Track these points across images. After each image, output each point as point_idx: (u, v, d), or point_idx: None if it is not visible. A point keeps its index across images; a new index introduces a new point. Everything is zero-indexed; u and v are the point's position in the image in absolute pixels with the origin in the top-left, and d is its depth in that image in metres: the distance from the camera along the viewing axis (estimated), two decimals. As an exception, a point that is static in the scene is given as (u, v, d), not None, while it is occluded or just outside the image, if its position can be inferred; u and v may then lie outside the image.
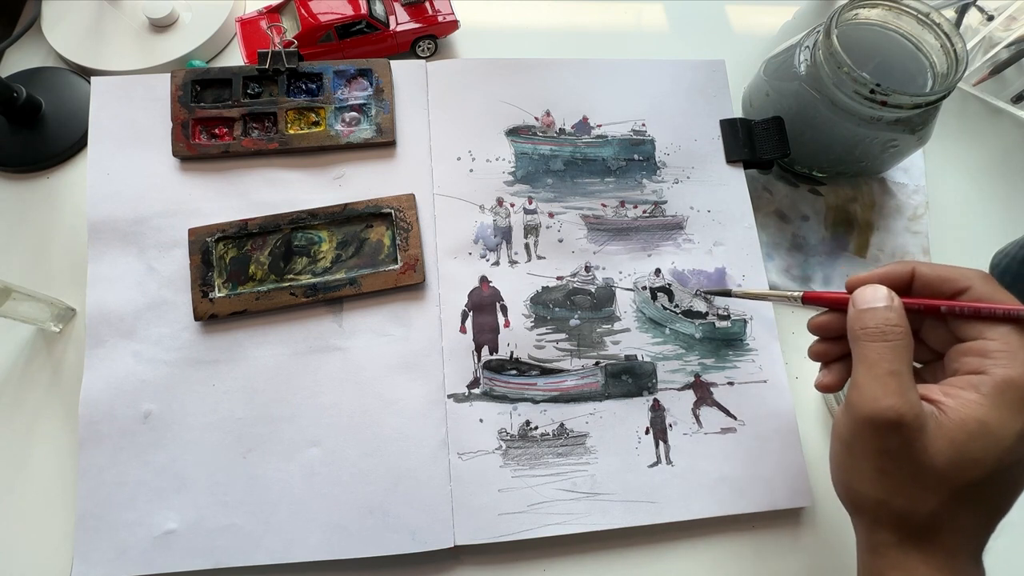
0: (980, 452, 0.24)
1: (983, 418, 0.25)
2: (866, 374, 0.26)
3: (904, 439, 0.25)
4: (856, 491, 0.27)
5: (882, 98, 0.38)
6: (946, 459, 0.25)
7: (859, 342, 0.27)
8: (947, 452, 0.25)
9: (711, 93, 0.46)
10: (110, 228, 0.39)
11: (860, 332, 0.27)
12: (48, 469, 0.38)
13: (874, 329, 0.27)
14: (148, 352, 0.38)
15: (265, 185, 0.41)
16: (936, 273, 0.28)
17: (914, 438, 0.25)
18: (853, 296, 0.28)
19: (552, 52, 0.52)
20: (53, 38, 0.50)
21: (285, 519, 0.35)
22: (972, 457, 0.24)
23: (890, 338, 0.26)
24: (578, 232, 0.42)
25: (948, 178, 0.50)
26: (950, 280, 0.28)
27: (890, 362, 0.26)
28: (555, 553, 0.37)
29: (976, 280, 0.27)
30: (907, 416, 0.25)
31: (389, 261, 0.40)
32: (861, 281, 0.29)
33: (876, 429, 0.25)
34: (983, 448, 0.24)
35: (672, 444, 0.38)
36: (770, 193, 0.47)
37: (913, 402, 0.25)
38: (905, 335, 0.26)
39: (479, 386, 0.38)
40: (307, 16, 0.46)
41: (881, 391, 0.25)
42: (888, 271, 0.29)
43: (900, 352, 0.26)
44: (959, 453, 0.24)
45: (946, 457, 0.25)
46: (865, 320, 0.27)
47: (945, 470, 0.25)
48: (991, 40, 0.51)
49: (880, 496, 0.26)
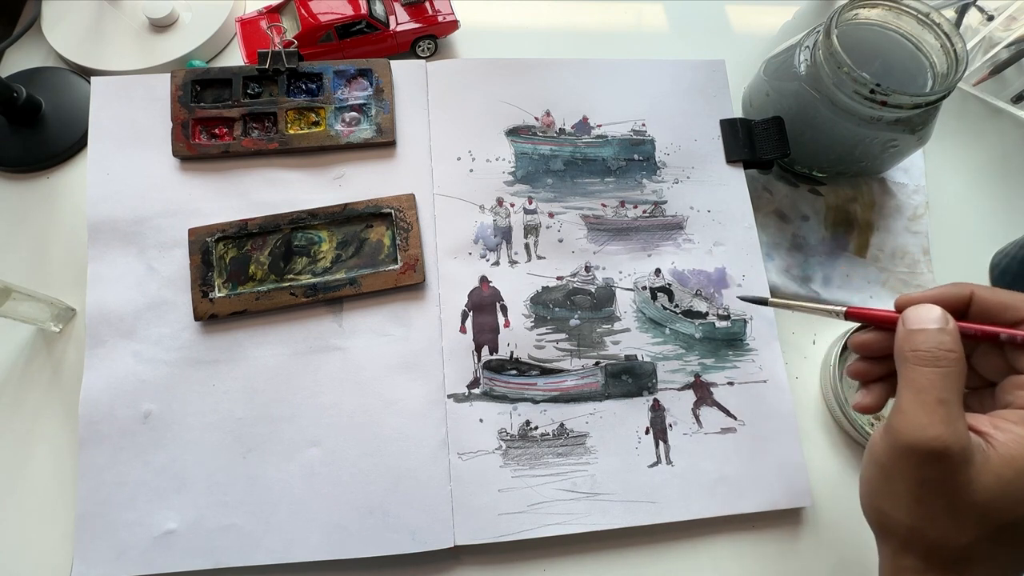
0: None
1: None
2: (913, 400, 0.25)
3: (947, 471, 0.24)
4: (888, 515, 0.26)
5: (882, 98, 0.38)
6: (990, 495, 0.23)
7: (907, 365, 0.25)
8: (992, 488, 0.23)
9: (711, 93, 0.46)
10: (110, 228, 0.39)
11: (910, 354, 0.25)
12: (48, 469, 0.38)
13: (925, 353, 0.25)
14: (148, 352, 0.38)
15: (265, 185, 0.41)
16: (997, 299, 0.26)
17: (958, 471, 0.24)
18: (904, 315, 0.27)
19: (552, 52, 0.52)
20: (53, 38, 0.50)
21: (285, 519, 0.35)
22: (1017, 497, 0.23)
23: (942, 364, 0.25)
24: (578, 232, 0.42)
25: (948, 178, 0.50)
26: (1012, 307, 0.26)
27: (940, 390, 0.24)
28: (555, 553, 0.37)
29: None
30: (953, 448, 0.23)
31: (389, 261, 0.40)
32: (912, 301, 0.27)
33: (919, 458, 0.24)
34: None
35: (672, 444, 0.38)
36: (770, 193, 0.47)
37: (961, 434, 0.24)
38: (958, 361, 0.25)
39: (479, 386, 0.38)
40: (307, 16, 0.46)
41: (928, 420, 0.24)
42: (943, 292, 0.27)
43: (952, 380, 0.24)
44: (1004, 490, 0.23)
45: (990, 493, 0.23)
46: (916, 342, 0.25)
47: (987, 506, 0.24)
48: (991, 40, 0.51)
49: (914, 524, 0.25)
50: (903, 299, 0.27)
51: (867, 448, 0.27)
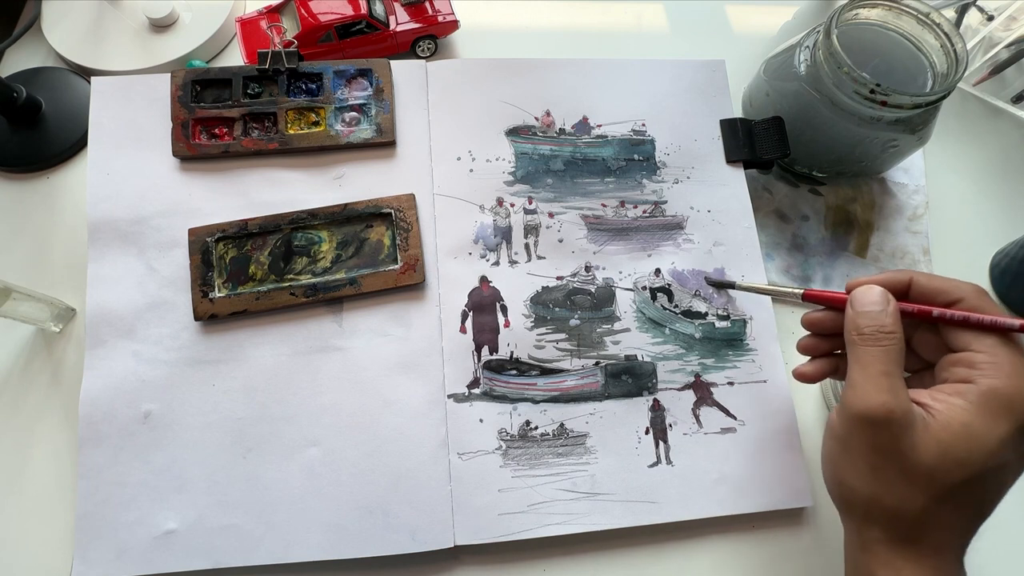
0: (964, 454, 0.26)
1: (968, 422, 0.26)
2: (860, 374, 0.28)
3: (894, 435, 0.26)
4: (850, 487, 0.28)
5: (882, 98, 0.38)
6: (933, 458, 0.26)
7: (854, 345, 0.29)
8: (934, 451, 0.26)
9: (711, 93, 0.46)
10: (110, 228, 0.39)
11: (856, 336, 0.29)
12: (48, 469, 0.38)
13: (869, 334, 0.28)
14: (148, 352, 0.38)
15: (265, 185, 0.41)
16: (932, 284, 0.30)
17: (903, 435, 0.26)
18: (852, 297, 0.30)
19: (552, 52, 0.52)
20: (53, 38, 0.50)
21: (285, 519, 0.35)
22: (957, 458, 0.26)
23: (883, 343, 0.28)
24: (578, 232, 0.42)
25: (948, 178, 0.50)
26: (944, 291, 0.29)
27: (883, 363, 0.27)
28: (555, 553, 0.37)
29: (969, 293, 0.29)
30: (896, 412, 0.26)
31: (389, 261, 0.40)
32: (861, 283, 0.30)
33: (869, 425, 0.27)
34: (967, 450, 0.26)
35: (672, 444, 0.38)
36: (770, 193, 0.47)
37: (902, 400, 0.27)
38: (898, 339, 0.28)
39: (479, 386, 0.38)
40: (307, 16, 0.46)
41: (874, 389, 0.27)
42: (887, 277, 0.30)
43: (892, 355, 0.28)
44: (945, 453, 0.26)
45: (933, 456, 0.26)
46: (861, 324, 0.29)
47: (932, 469, 0.26)
48: (991, 40, 0.51)
49: (872, 492, 0.27)
50: (852, 282, 0.31)
51: (825, 428, 0.30)
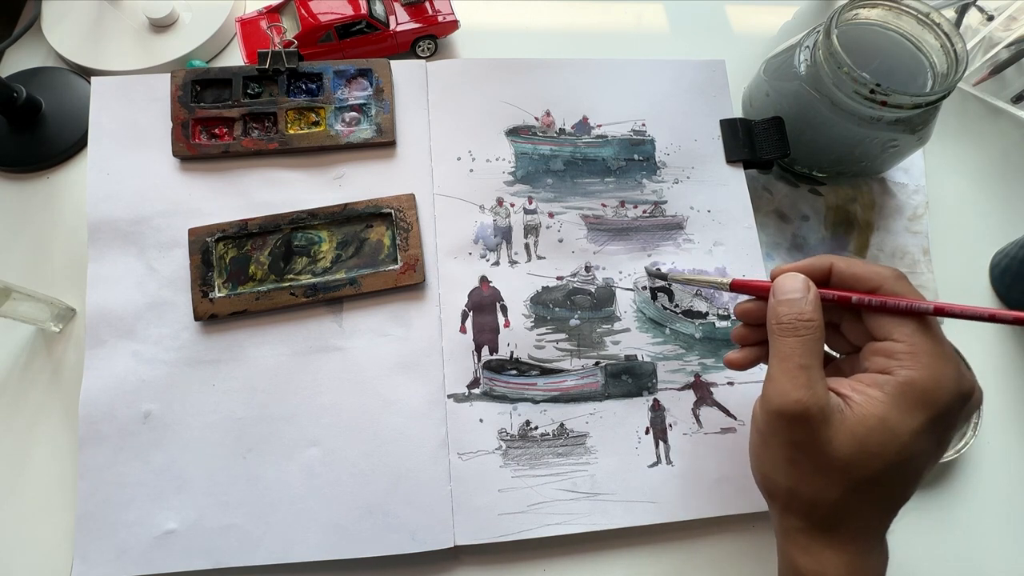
0: (878, 447, 0.26)
1: (883, 415, 0.26)
2: (778, 367, 0.27)
3: (810, 431, 0.26)
4: (770, 479, 0.29)
5: (882, 98, 0.38)
6: (848, 452, 0.26)
7: (774, 336, 0.28)
8: (848, 445, 0.26)
9: (711, 93, 0.46)
10: (110, 228, 0.39)
11: (775, 327, 0.28)
12: (48, 469, 0.38)
13: (788, 324, 0.28)
14: (148, 352, 0.38)
15: (265, 185, 0.41)
16: (852, 270, 0.29)
17: (819, 430, 0.26)
18: (773, 285, 0.30)
19: (552, 52, 0.52)
20: (53, 38, 0.50)
21: (285, 519, 0.35)
22: (871, 451, 0.26)
23: (801, 333, 0.27)
24: (578, 232, 0.42)
25: (948, 178, 0.50)
26: (863, 278, 0.29)
27: (800, 356, 0.27)
28: (555, 553, 0.37)
29: (888, 279, 0.28)
30: (812, 409, 0.26)
31: (389, 261, 0.40)
32: (783, 271, 0.30)
33: (786, 421, 0.27)
34: (881, 443, 0.26)
35: (672, 444, 0.38)
36: (770, 193, 0.47)
37: (819, 396, 0.26)
38: (817, 329, 0.28)
39: (479, 386, 0.38)
40: (307, 16, 0.46)
41: (791, 385, 0.27)
42: (809, 263, 0.30)
43: (810, 346, 0.27)
44: (859, 447, 0.26)
45: (848, 450, 0.26)
46: (781, 312, 0.28)
47: (846, 462, 0.26)
48: (991, 40, 0.51)
49: (790, 484, 0.28)
50: (776, 269, 0.31)
51: (751, 418, 0.30)
